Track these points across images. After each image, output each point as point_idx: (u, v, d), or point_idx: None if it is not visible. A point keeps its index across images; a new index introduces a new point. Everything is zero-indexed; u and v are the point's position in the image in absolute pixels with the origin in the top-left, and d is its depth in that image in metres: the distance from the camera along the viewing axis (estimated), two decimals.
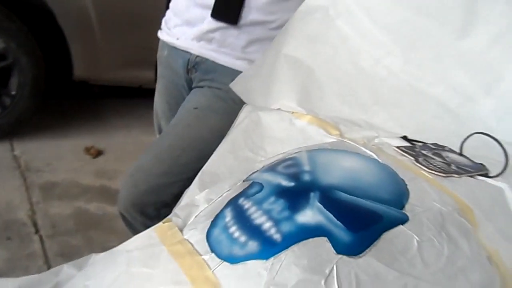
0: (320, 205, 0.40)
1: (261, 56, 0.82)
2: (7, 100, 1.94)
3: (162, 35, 1.14)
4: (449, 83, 0.65)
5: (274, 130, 0.59)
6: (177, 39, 1.08)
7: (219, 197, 0.46)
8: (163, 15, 1.17)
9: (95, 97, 2.77)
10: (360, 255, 0.37)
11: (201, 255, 0.39)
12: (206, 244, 0.40)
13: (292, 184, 0.43)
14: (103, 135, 2.42)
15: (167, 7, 1.16)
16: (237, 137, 0.61)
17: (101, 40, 2.05)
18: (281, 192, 0.42)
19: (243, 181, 0.47)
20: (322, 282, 0.35)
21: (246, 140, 0.59)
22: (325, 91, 0.68)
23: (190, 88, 1.17)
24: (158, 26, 1.18)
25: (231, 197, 0.44)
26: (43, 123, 2.31)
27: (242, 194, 0.44)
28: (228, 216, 0.42)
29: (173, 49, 1.10)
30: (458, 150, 0.57)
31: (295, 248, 0.37)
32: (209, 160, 0.59)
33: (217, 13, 0.94)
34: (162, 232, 0.44)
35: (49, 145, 2.25)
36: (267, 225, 0.39)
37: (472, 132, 0.57)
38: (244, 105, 0.69)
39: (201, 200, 0.48)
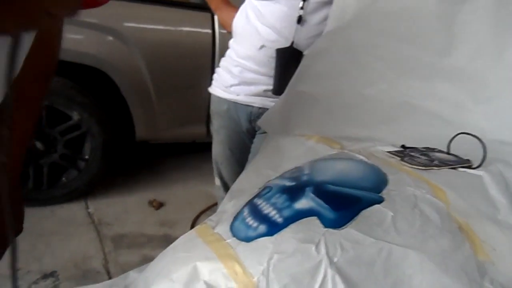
0: (313, 195, 0.51)
1: (282, 95, 0.97)
2: (82, 164, 2.22)
3: (219, 92, 1.29)
4: (438, 96, 0.75)
5: (289, 150, 0.72)
6: (237, 95, 1.24)
7: (241, 203, 0.59)
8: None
9: (155, 155, 3.04)
10: (343, 227, 0.48)
11: (225, 240, 0.52)
12: (230, 232, 0.53)
13: (293, 183, 0.56)
14: (164, 189, 2.64)
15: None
16: (260, 159, 0.75)
17: (157, 104, 2.31)
18: (284, 190, 0.55)
19: (259, 188, 0.60)
20: (313, 248, 0.46)
21: (267, 161, 0.73)
22: (332, 117, 0.81)
23: (252, 136, 1.33)
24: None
25: (249, 199, 0.58)
26: (112, 182, 2.58)
27: (257, 195, 0.57)
28: (246, 211, 0.55)
29: (234, 104, 1.26)
30: (446, 151, 0.66)
31: (293, 226, 0.49)
32: (237, 179, 0.73)
33: (277, 92, 1.11)
34: (199, 230, 0.57)
35: (117, 201, 2.49)
36: (272, 213, 0.51)
37: (456, 133, 0.66)
38: (266, 135, 0.83)
39: (229, 207, 0.61)
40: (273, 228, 0.49)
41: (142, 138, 2.48)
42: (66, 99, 2.07)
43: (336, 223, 0.48)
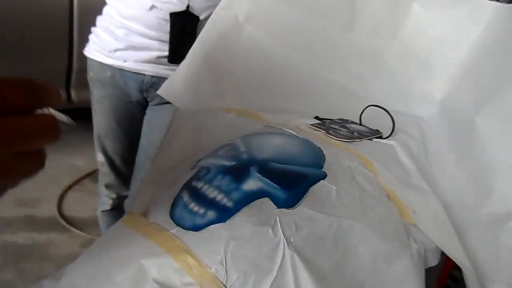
0: (259, 175, 0.50)
1: (183, 64, 0.90)
2: None
3: (99, 57, 1.13)
4: (345, 69, 0.80)
5: (208, 124, 0.68)
6: (124, 61, 1.09)
7: (173, 184, 0.53)
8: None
9: None
10: (295, 206, 0.47)
11: (169, 230, 0.46)
12: (172, 221, 0.48)
13: (233, 163, 0.53)
14: None
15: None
16: (174, 134, 0.69)
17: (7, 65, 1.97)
18: (226, 170, 0.51)
19: (191, 168, 0.55)
20: (270, 230, 0.45)
21: (184, 136, 0.67)
22: (247, 88, 0.79)
23: (144, 107, 1.20)
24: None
25: (183, 182, 0.53)
26: None
27: (194, 178, 0.53)
28: (186, 196, 0.50)
29: (121, 71, 1.11)
30: (358, 121, 0.71)
31: (245, 209, 0.46)
32: (156, 159, 0.66)
33: (173, 60, 1.00)
34: (130, 221, 0.50)
35: None
36: (219, 197, 0.48)
37: (367, 105, 0.71)
38: (176, 109, 0.77)
39: (155, 190, 0.55)
40: (224, 213, 0.46)
41: None
42: None
43: (289, 203, 0.47)
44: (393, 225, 0.52)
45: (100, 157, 1.26)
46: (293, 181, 0.50)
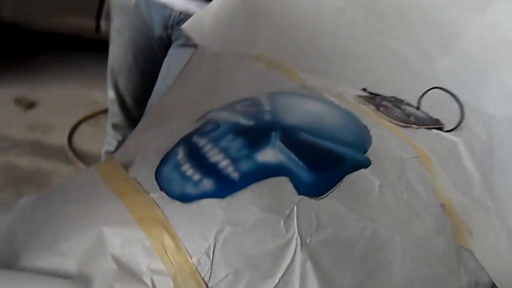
0: (282, 144, 0.37)
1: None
2: None
3: None
4: (410, 38, 0.64)
5: (231, 71, 0.55)
6: None
7: (169, 135, 0.41)
8: None
9: (28, 44, 2.52)
10: (322, 196, 0.35)
11: (149, 193, 0.35)
12: (155, 182, 0.36)
13: (251, 122, 0.40)
14: (36, 86, 2.22)
15: None
16: (188, 77, 0.56)
17: None
18: (239, 130, 0.39)
19: (197, 119, 0.43)
20: (282, 222, 0.33)
21: (199, 80, 0.55)
22: (286, 39, 0.64)
23: (166, 46, 1.06)
24: None
25: (183, 135, 0.40)
26: None
27: (197, 131, 0.40)
28: (180, 153, 0.38)
29: (147, 0, 0.99)
30: (415, 105, 0.57)
31: (254, 187, 0.34)
32: (159, 100, 0.54)
33: None
34: (105, 171, 0.39)
35: None
36: (224, 163, 0.36)
37: (430, 87, 0.57)
38: (197, 47, 0.64)
39: (148, 137, 0.43)
40: (226, 186, 0.34)
41: (10, 19, 2.00)
42: None
43: (314, 190, 0.35)
44: (442, 246, 0.39)
45: (111, 94, 1.15)
46: (325, 162, 0.37)
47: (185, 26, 0.74)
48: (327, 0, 0.64)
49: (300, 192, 0.34)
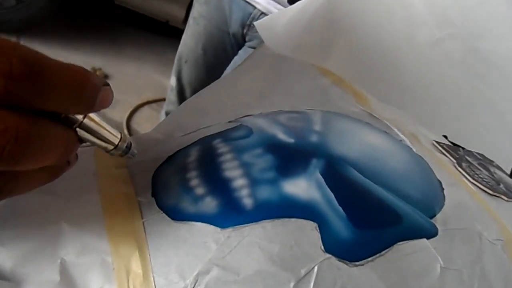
0: (321, 178, 0.27)
1: (295, 5, 0.68)
2: None
3: None
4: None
5: (289, 78, 0.47)
6: None
7: (190, 132, 0.34)
8: None
9: (113, 20, 2.63)
10: (357, 262, 0.25)
11: (136, 194, 0.27)
12: (150, 182, 0.28)
13: (291, 140, 0.31)
14: (112, 60, 2.30)
15: None
16: (239, 76, 0.49)
17: None
18: (273, 146, 0.30)
19: (229, 121, 0.35)
20: (291, 284, 0.23)
21: (249, 82, 0.47)
22: (364, 60, 0.55)
23: (239, 45, 1.02)
24: None
25: (205, 134, 0.32)
26: (53, 31, 2.19)
27: (221, 134, 0.32)
28: (193, 155, 0.30)
29: None
30: (508, 171, 0.45)
31: (267, 224, 0.25)
32: (197, 94, 0.47)
33: (293, 2, 0.80)
34: (102, 157, 0.32)
35: (56, 55, 2.14)
36: (239, 182, 0.27)
37: None
38: (260, 45, 0.56)
39: (166, 131, 0.36)
40: (231, 213, 0.25)
41: None
42: None
43: (349, 251, 0.25)
44: None
45: (173, 81, 1.12)
46: (374, 217, 0.27)
47: (258, 22, 0.67)
48: (423, 29, 0.54)
49: (328, 249, 0.24)
